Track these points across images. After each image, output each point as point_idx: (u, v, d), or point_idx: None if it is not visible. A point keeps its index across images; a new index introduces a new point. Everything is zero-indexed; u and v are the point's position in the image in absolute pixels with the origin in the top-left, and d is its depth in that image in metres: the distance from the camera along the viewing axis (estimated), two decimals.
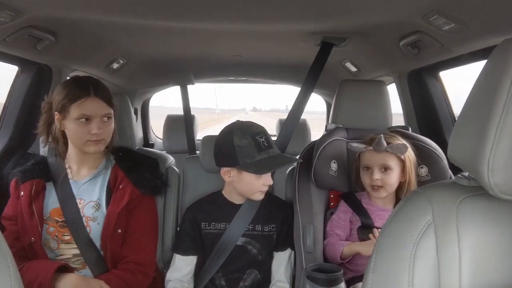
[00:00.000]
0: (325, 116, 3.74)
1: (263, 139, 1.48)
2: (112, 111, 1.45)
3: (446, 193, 0.77)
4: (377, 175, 1.48)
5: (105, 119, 1.43)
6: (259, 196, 1.54)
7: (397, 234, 0.77)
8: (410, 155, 1.50)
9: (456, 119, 0.81)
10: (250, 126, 1.52)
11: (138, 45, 2.26)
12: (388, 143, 1.47)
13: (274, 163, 1.48)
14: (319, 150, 1.62)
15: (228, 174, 1.52)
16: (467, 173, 0.78)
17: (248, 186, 1.51)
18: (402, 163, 1.49)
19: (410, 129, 1.74)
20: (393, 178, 1.49)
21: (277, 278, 1.58)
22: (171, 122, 3.20)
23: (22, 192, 1.43)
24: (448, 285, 0.72)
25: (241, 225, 1.57)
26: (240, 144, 1.46)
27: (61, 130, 1.44)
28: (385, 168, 1.48)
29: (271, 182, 1.53)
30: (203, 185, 1.76)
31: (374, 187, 1.50)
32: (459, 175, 0.79)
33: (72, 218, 1.43)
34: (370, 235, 1.47)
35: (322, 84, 2.59)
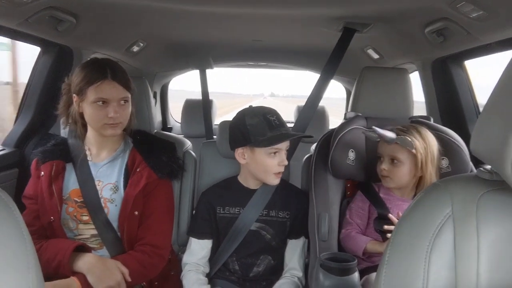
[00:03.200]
0: (340, 102, 3.70)
1: (274, 118, 1.51)
2: (129, 95, 1.46)
3: (467, 187, 0.74)
4: (384, 165, 1.48)
5: (122, 102, 1.43)
6: (274, 180, 1.53)
7: (414, 226, 0.75)
8: (429, 150, 1.45)
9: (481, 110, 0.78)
10: (261, 107, 1.57)
11: (158, 28, 2.26)
12: (398, 135, 1.44)
13: (285, 136, 1.50)
14: (337, 138, 1.59)
15: (243, 156, 1.53)
16: (489, 167, 0.75)
17: (263, 166, 1.51)
18: (415, 158, 1.45)
19: (432, 119, 1.70)
20: (402, 171, 1.46)
21: (290, 265, 1.58)
22: (189, 107, 3.21)
23: (42, 172, 1.46)
24: (465, 280, 0.70)
25: (255, 210, 1.57)
26: (252, 123, 1.48)
27: (79, 112, 1.45)
28: (395, 160, 1.46)
29: (286, 162, 1.52)
30: (219, 170, 1.77)
31: (382, 175, 1.50)
32: (481, 168, 0.77)
33: (90, 199, 1.45)
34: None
35: (343, 71, 2.54)
